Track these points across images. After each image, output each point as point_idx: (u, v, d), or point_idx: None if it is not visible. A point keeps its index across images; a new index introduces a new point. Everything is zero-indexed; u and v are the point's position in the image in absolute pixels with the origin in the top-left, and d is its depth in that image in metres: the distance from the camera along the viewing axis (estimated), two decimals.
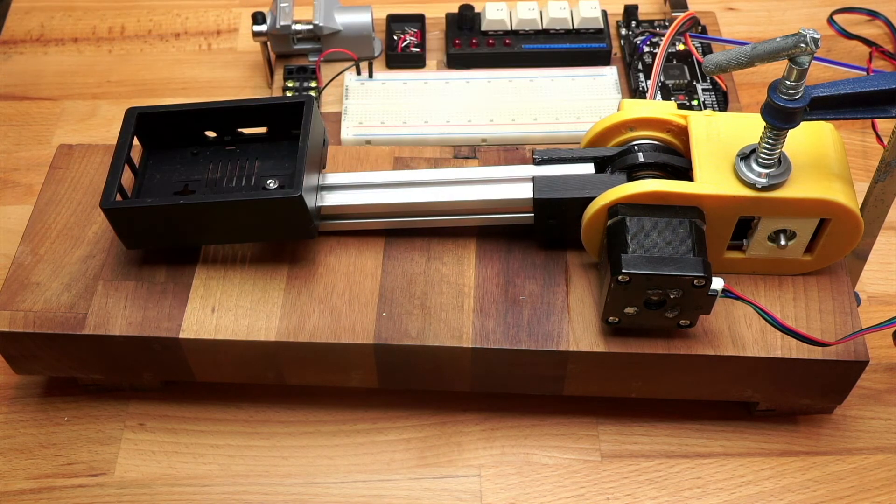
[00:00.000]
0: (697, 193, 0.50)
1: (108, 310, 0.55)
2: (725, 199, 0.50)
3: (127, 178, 0.54)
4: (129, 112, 0.56)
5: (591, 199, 0.52)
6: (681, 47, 0.75)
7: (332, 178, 0.56)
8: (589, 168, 0.55)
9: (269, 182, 0.55)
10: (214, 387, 0.60)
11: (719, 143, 0.52)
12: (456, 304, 0.54)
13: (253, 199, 0.52)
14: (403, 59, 0.76)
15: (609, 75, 0.74)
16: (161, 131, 0.57)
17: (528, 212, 0.54)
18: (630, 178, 0.53)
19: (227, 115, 0.56)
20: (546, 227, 0.55)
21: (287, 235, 0.55)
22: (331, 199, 0.56)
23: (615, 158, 0.54)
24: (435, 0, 0.82)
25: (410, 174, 0.56)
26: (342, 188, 0.56)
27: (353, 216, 0.56)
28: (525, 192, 0.54)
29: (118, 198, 0.53)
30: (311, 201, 0.53)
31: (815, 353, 0.52)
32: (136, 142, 0.56)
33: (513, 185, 0.55)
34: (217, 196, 0.52)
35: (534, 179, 0.54)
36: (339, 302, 0.55)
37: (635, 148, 0.54)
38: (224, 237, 0.55)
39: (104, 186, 0.53)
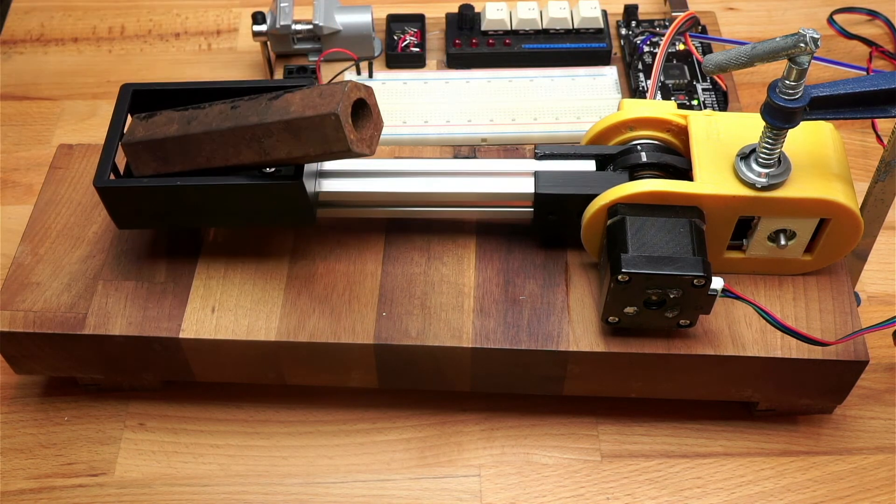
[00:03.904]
0: (697, 193, 0.50)
1: (108, 310, 0.55)
2: (725, 198, 0.50)
3: (121, 157, 0.53)
4: (124, 89, 0.55)
5: (593, 196, 0.52)
6: (681, 47, 0.75)
7: (331, 164, 0.56)
8: (590, 165, 0.55)
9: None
10: (214, 387, 0.60)
11: (719, 143, 0.52)
12: (456, 304, 0.54)
13: (251, 183, 0.51)
14: (403, 58, 0.76)
15: (609, 75, 0.74)
16: (156, 109, 0.54)
17: (528, 206, 0.54)
18: (632, 178, 0.53)
19: (223, 94, 0.53)
20: (545, 223, 0.55)
21: (285, 221, 0.54)
22: (330, 186, 0.55)
23: (617, 157, 0.54)
24: (435, 0, 0.82)
25: (412, 163, 0.56)
26: (342, 175, 0.55)
27: (352, 204, 0.56)
28: (527, 186, 0.54)
29: (111, 176, 0.52)
30: (310, 186, 0.52)
31: (815, 353, 0.52)
32: (130, 120, 0.55)
33: (514, 178, 0.54)
34: (214, 179, 0.51)
35: (536, 174, 0.54)
36: (338, 302, 0.55)
37: (638, 147, 0.54)
38: (220, 220, 0.55)
39: (97, 164, 0.52)
